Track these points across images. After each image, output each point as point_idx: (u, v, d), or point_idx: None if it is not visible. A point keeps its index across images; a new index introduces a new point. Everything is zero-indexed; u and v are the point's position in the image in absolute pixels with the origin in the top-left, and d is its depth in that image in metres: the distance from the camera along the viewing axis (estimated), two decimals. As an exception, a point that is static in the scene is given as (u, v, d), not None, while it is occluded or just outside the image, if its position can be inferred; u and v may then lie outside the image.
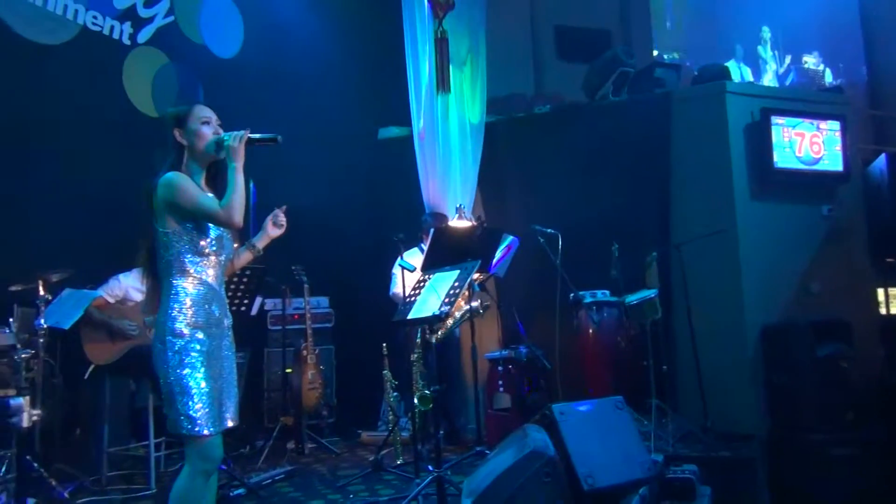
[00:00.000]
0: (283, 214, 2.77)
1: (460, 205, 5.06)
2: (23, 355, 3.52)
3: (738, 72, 7.61)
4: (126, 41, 5.18)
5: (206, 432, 2.42)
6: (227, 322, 2.61)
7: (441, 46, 5.62)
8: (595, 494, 2.81)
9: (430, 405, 4.01)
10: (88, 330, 4.28)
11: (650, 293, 4.49)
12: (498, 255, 4.64)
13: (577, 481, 2.80)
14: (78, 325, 4.17)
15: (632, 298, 4.49)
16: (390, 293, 5.05)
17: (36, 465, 3.73)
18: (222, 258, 2.58)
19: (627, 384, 4.41)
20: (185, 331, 2.45)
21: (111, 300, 4.40)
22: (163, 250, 2.49)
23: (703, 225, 4.88)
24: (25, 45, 4.60)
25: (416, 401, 4.18)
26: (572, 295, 4.86)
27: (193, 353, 2.44)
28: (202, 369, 2.44)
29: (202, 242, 2.50)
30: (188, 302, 2.47)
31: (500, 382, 4.88)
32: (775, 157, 5.14)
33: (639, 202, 5.26)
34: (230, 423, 2.54)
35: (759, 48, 8.11)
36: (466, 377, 5.15)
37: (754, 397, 4.83)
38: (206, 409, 2.43)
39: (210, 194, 2.56)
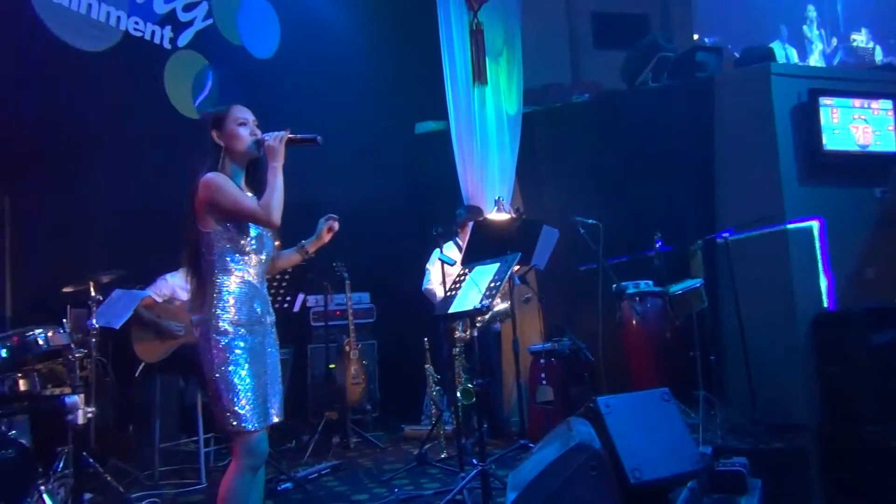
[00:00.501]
0: (336, 222, 2.77)
1: (499, 197, 5.02)
2: (77, 354, 3.62)
3: (783, 53, 7.38)
4: (167, 45, 5.28)
5: (251, 428, 2.45)
6: (270, 319, 2.63)
7: (476, 38, 5.59)
8: (642, 488, 2.76)
9: (473, 399, 4.01)
10: (138, 329, 4.39)
11: (695, 282, 4.40)
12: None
13: (623, 475, 2.76)
14: (128, 325, 4.28)
15: (676, 288, 4.41)
16: (423, 288, 5.05)
17: (91, 460, 3.84)
18: (263, 256, 2.60)
19: (673, 375, 4.34)
20: (229, 329, 2.47)
21: (159, 300, 4.50)
22: (205, 250, 2.52)
23: (749, 211, 4.76)
24: (71, 52, 4.72)
25: (458, 394, 4.20)
26: (615, 286, 4.79)
27: (237, 351, 2.47)
28: (246, 366, 2.47)
29: (243, 241, 2.53)
30: (231, 300, 2.50)
31: (543, 375, 4.84)
32: (824, 140, 4.98)
33: (682, 190, 5.16)
34: (275, 419, 2.57)
35: (805, 28, 7.85)
36: (508, 370, 5.13)
37: (806, 387, 4.70)
38: (252, 406, 2.45)
39: (250, 194, 2.59)
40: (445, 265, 4.49)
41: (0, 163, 4.40)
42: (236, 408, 2.43)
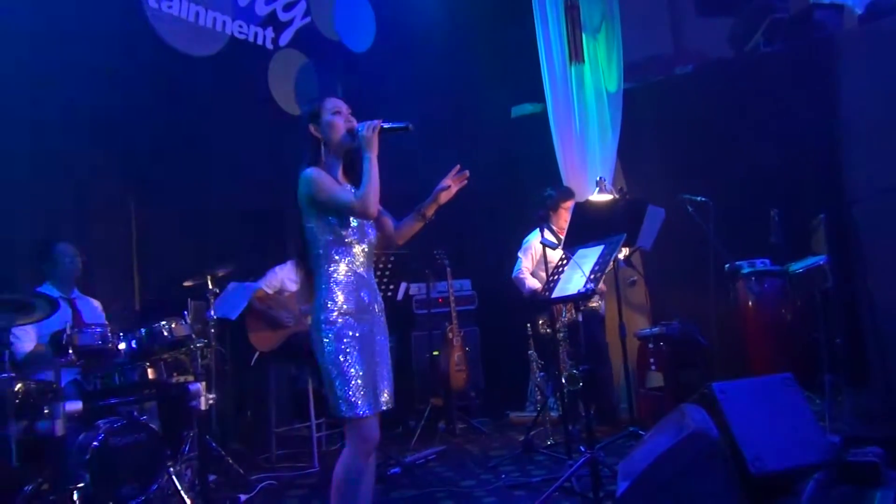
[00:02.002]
0: (453, 181, 2.71)
1: (600, 178, 4.90)
2: (198, 344, 3.85)
3: (914, 4, 6.73)
4: (269, 46, 5.47)
5: (362, 414, 2.50)
6: (379, 307, 2.68)
7: (572, 15, 5.48)
8: (765, 478, 2.62)
9: (579, 385, 3.96)
10: (252, 320, 4.62)
11: (818, 259, 4.13)
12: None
13: (743, 465, 2.63)
14: (243, 316, 4.52)
15: (797, 266, 4.16)
16: (513, 276, 4.99)
17: (214, 444, 4.08)
18: (365, 245, 2.65)
19: (795, 360, 4.10)
20: (338, 319, 2.54)
21: (270, 291, 4.71)
22: (311, 243, 2.61)
23: (882, 180, 4.38)
24: (182, 58, 4.98)
25: (564, 381, 4.15)
26: (728, 266, 4.58)
27: (346, 339, 2.53)
28: (356, 354, 2.53)
29: (344, 233, 2.59)
30: (338, 291, 2.56)
31: (652, 360, 4.72)
32: (967, 96, 4.50)
33: (801, 160, 4.84)
34: (386, 406, 2.62)
35: (940, -26, 7.11)
36: (615, 355, 5.01)
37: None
38: (362, 393, 2.51)
39: (347, 185, 2.64)
40: (547, 249, 4.44)
41: (126, 165, 4.71)
42: (348, 394, 2.49)
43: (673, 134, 5.52)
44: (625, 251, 4.60)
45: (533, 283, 4.84)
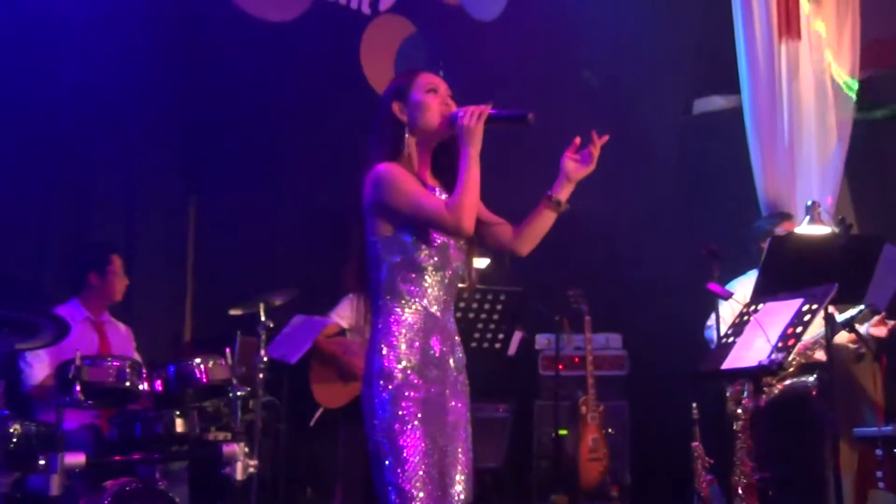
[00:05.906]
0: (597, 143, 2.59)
1: (813, 202, 4.60)
2: (238, 393, 3.86)
3: None
4: (366, 10, 5.55)
5: (422, 511, 2.40)
6: (456, 362, 2.57)
7: (785, -25, 5.34)
8: None
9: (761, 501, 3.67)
10: (317, 365, 4.65)
11: None
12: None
13: None
14: (306, 360, 4.53)
15: None
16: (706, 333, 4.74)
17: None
18: (444, 275, 2.55)
19: None
20: (398, 373, 2.45)
21: (344, 324, 4.72)
22: (371, 265, 2.55)
23: None
24: (254, 24, 5.09)
25: (740, 491, 3.91)
26: None
27: (407, 403, 2.43)
28: (418, 424, 2.43)
29: (418, 255, 2.50)
30: (401, 334, 2.48)
31: (881, 474, 4.39)
32: None
33: None
34: (457, 501, 2.48)
35: None
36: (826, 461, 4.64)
37: None
38: (422, 480, 2.40)
39: (436, 189, 2.58)
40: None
41: (187, 155, 4.92)
42: (400, 480, 2.39)
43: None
44: (848, 311, 4.24)
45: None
